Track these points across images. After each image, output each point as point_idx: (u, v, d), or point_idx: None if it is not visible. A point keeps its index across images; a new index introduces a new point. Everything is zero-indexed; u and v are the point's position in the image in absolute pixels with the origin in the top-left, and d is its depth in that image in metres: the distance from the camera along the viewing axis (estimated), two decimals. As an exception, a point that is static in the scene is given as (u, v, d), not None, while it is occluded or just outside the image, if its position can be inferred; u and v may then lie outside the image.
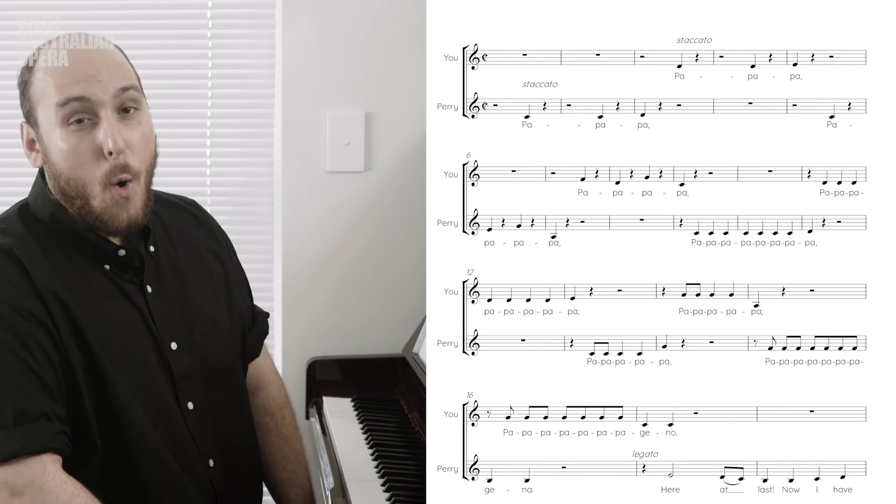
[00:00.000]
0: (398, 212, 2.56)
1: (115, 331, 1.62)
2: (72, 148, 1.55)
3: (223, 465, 1.73)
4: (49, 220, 1.63)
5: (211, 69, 2.61)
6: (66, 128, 1.55)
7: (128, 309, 1.66)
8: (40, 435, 1.49)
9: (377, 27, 2.52)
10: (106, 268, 1.64)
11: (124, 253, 1.65)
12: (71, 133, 1.55)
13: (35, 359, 1.51)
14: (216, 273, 1.84)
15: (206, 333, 1.75)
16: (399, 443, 2.02)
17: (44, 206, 1.63)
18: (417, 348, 2.27)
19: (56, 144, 1.56)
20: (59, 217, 1.62)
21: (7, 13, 2.54)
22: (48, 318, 1.54)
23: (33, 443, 1.48)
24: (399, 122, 2.54)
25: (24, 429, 1.48)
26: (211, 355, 1.75)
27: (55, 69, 1.56)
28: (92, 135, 1.55)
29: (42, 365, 1.52)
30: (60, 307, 1.56)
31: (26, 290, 1.54)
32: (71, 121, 1.55)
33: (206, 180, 2.63)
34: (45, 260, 1.58)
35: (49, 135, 1.57)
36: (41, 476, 1.47)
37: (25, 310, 1.53)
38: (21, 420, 1.48)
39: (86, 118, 1.55)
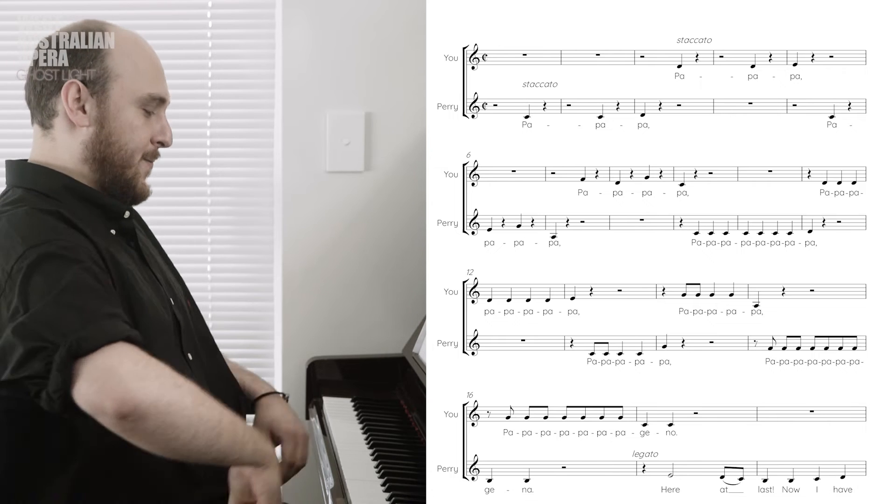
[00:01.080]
0: (398, 212, 2.56)
1: (138, 284, 1.73)
2: (140, 126, 1.80)
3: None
4: (62, 191, 1.74)
5: (211, 69, 2.61)
6: (139, 110, 1.80)
7: (139, 268, 1.78)
8: (129, 330, 1.55)
9: (377, 27, 2.52)
10: (112, 232, 1.78)
11: (129, 215, 1.82)
12: (140, 115, 1.80)
13: (98, 279, 1.60)
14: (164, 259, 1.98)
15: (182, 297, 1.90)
16: (399, 443, 2.02)
17: (52, 182, 1.75)
18: (417, 348, 2.27)
19: (126, 119, 1.78)
20: (73, 187, 1.75)
21: (7, 13, 2.54)
22: (105, 267, 1.65)
23: (126, 332, 1.53)
24: (399, 122, 2.54)
25: (116, 322, 1.54)
26: (192, 315, 1.91)
27: (145, 59, 1.82)
28: (151, 124, 1.82)
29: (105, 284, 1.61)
30: (112, 260, 1.68)
31: (87, 243, 1.65)
32: (147, 108, 1.80)
33: (206, 180, 2.63)
34: (85, 223, 1.69)
35: (120, 108, 1.78)
36: (142, 355, 1.52)
37: (83, 248, 1.63)
38: (113, 318, 1.54)
39: (153, 111, 1.82)
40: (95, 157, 1.78)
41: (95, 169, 1.78)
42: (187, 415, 1.52)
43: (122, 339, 1.52)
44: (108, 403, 1.47)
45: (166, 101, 1.84)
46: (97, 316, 1.53)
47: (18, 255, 1.57)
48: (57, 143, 1.77)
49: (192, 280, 2.51)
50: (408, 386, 2.27)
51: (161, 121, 1.84)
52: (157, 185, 1.90)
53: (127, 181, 1.80)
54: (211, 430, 1.56)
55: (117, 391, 1.47)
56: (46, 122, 1.77)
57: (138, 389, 1.48)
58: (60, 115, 1.76)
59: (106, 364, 1.48)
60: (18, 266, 1.56)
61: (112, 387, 1.47)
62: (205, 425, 1.55)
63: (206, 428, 1.55)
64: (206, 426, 1.55)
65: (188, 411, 1.53)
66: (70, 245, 1.61)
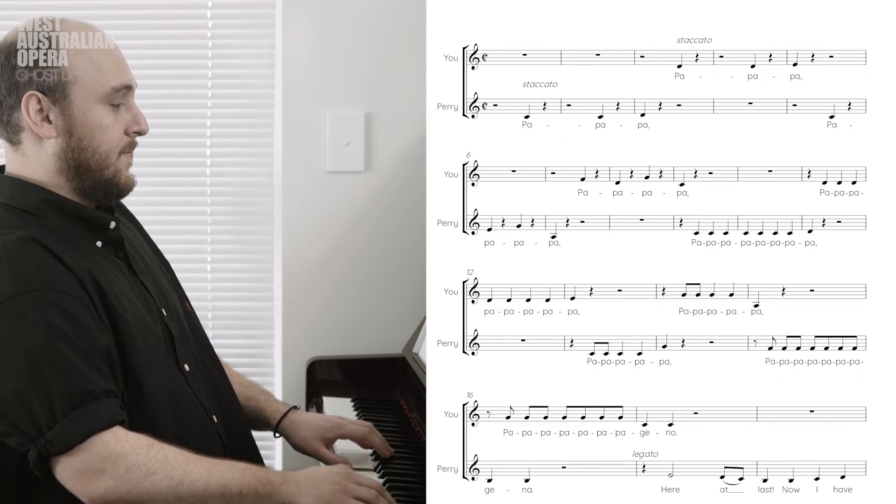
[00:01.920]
0: (398, 212, 2.56)
1: (128, 301, 1.69)
2: (110, 125, 1.70)
3: (224, 419, 1.80)
4: (41, 206, 1.68)
5: (211, 69, 2.61)
6: (107, 106, 1.70)
7: (127, 281, 1.73)
8: (105, 411, 1.55)
9: (377, 27, 2.52)
10: (98, 245, 1.72)
11: (114, 225, 1.74)
12: (109, 112, 1.70)
13: (87, 340, 1.57)
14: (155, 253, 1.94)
15: (175, 303, 1.85)
16: (399, 443, 2.01)
17: (30, 196, 1.68)
18: (417, 348, 2.27)
19: (94, 120, 1.69)
20: (52, 201, 1.68)
21: (7, 13, 2.53)
22: (87, 296, 1.61)
23: (101, 419, 1.54)
24: (399, 122, 2.54)
25: (90, 408, 1.54)
26: (189, 322, 1.86)
27: (100, 53, 1.71)
28: (122, 116, 1.72)
29: (94, 346, 1.58)
30: (93, 283, 1.63)
31: (62, 273, 1.60)
32: (114, 101, 1.70)
33: (206, 180, 2.63)
34: (61, 244, 1.64)
35: (85, 111, 1.69)
36: (115, 446, 1.54)
37: (69, 293, 1.59)
38: (85, 400, 1.54)
39: (121, 102, 1.72)
40: (70, 167, 1.69)
41: (72, 177, 1.69)
42: (162, 500, 1.55)
43: (91, 434, 1.53)
44: (82, 496, 1.54)
45: (133, 88, 1.74)
46: (66, 402, 1.53)
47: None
48: (28, 158, 1.69)
49: (192, 280, 2.52)
50: (408, 386, 2.27)
51: (132, 110, 1.73)
52: (157, 185, 1.89)
53: (108, 181, 1.72)
54: (195, 501, 1.56)
55: (87, 490, 1.53)
56: (14, 139, 1.69)
57: (105, 489, 1.53)
58: (26, 129, 1.67)
59: (74, 467, 1.53)
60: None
61: (82, 485, 1.53)
62: (185, 501, 1.56)
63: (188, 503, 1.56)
64: (188, 501, 1.56)
65: (162, 496, 1.55)
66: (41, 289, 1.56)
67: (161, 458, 1.55)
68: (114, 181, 1.72)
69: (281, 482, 1.59)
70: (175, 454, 1.56)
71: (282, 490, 1.58)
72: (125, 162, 1.74)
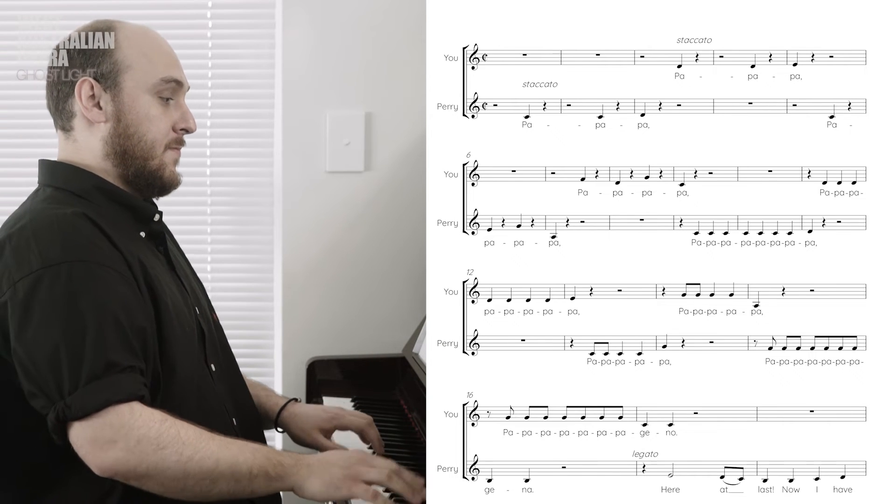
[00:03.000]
0: (398, 212, 2.56)
1: (168, 289, 1.73)
2: (158, 116, 1.77)
3: (242, 423, 1.82)
4: (93, 192, 1.73)
5: (211, 69, 2.61)
6: (155, 98, 1.77)
7: (167, 273, 1.78)
8: (127, 384, 1.57)
9: (377, 27, 2.51)
10: (142, 235, 1.78)
11: (158, 217, 1.81)
12: (157, 104, 1.77)
13: (125, 316, 1.60)
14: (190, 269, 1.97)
15: (206, 308, 1.89)
16: (399, 443, 2.02)
17: (84, 182, 1.74)
18: (417, 348, 2.27)
19: (143, 109, 1.76)
20: (104, 188, 1.74)
21: (7, 13, 2.53)
22: (132, 276, 1.65)
23: (121, 391, 1.56)
24: (399, 122, 2.54)
25: (113, 379, 1.56)
26: (215, 323, 1.90)
27: (154, 47, 1.79)
28: (171, 111, 1.79)
29: (131, 322, 1.61)
30: (139, 265, 1.68)
31: (111, 251, 1.64)
32: (163, 94, 1.77)
33: (206, 180, 2.63)
34: (111, 225, 1.69)
35: (134, 99, 1.76)
36: (129, 418, 1.55)
37: (114, 269, 1.63)
38: (110, 371, 1.56)
39: (171, 97, 1.79)
40: (116, 152, 1.75)
41: (118, 163, 1.76)
42: (170, 475, 1.56)
43: (108, 405, 1.54)
44: (92, 465, 1.56)
45: (184, 86, 1.82)
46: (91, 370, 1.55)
47: (29, 271, 1.59)
48: (79, 144, 1.76)
49: (192, 280, 2.51)
50: (408, 386, 2.27)
51: (181, 108, 1.81)
52: (157, 185, 1.89)
53: (151, 172, 1.77)
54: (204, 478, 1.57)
55: (97, 459, 1.55)
56: (67, 125, 1.76)
57: (114, 460, 1.55)
58: (78, 115, 1.74)
59: (87, 434, 1.55)
60: (24, 284, 1.58)
61: (93, 454, 1.55)
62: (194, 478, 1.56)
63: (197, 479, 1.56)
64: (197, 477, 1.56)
65: (171, 471, 1.55)
66: (88, 260, 1.60)
67: (174, 433, 1.56)
68: (158, 173, 1.78)
69: (293, 465, 1.60)
70: (188, 430, 1.57)
71: (292, 473, 1.59)
72: (171, 157, 1.80)
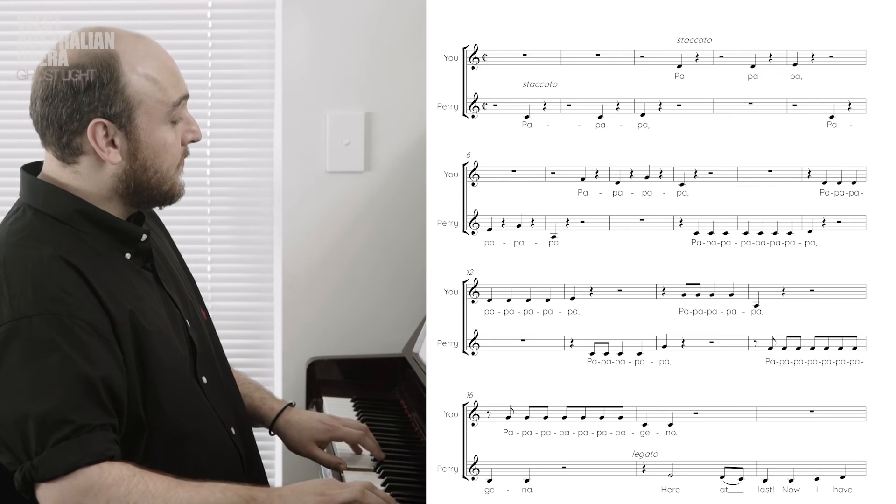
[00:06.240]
0: (398, 212, 2.56)
1: (155, 317, 1.68)
2: (172, 142, 1.70)
3: (240, 431, 1.80)
4: (74, 215, 1.66)
5: (211, 69, 2.61)
6: (168, 124, 1.69)
7: (155, 293, 1.73)
8: (96, 444, 1.54)
9: (377, 27, 2.52)
10: (127, 257, 1.71)
11: (145, 238, 1.73)
12: (171, 130, 1.70)
13: (96, 371, 1.56)
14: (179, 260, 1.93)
15: (197, 312, 1.84)
16: (399, 443, 2.02)
17: (65, 206, 1.67)
18: (417, 348, 2.27)
19: (158, 141, 1.68)
20: (85, 211, 1.67)
21: (7, 13, 2.53)
22: (107, 318, 1.60)
23: (90, 453, 1.52)
24: (399, 122, 2.54)
25: (83, 439, 1.53)
26: (209, 331, 1.85)
27: (158, 68, 1.68)
28: (179, 129, 1.71)
29: (102, 377, 1.56)
30: (114, 302, 1.62)
31: (84, 297, 1.59)
32: (175, 119, 1.70)
33: (206, 180, 2.63)
34: (90, 258, 1.63)
35: (151, 133, 1.68)
36: (98, 480, 1.52)
37: (86, 321, 1.57)
38: (79, 432, 1.53)
39: (179, 117, 1.71)
40: (129, 187, 1.68)
41: (128, 196, 1.69)
42: None
43: (77, 468, 1.51)
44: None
45: (188, 96, 1.74)
46: (59, 432, 1.51)
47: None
48: (81, 176, 1.66)
49: (192, 280, 2.52)
50: (408, 386, 2.27)
51: (185, 118, 1.73)
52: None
53: (163, 193, 1.73)
54: None
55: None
56: (69, 160, 1.66)
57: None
58: (89, 153, 1.66)
59: (54, 496, 1.51)
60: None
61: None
62: None
63: None
64: None
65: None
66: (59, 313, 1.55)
67: (142, 488, 1.53)
68: (169, 193, 1.74)
69: (265, 498, 1.58)
70: (156, 482, 1.54)
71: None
72: (180, 172, 1.75)
